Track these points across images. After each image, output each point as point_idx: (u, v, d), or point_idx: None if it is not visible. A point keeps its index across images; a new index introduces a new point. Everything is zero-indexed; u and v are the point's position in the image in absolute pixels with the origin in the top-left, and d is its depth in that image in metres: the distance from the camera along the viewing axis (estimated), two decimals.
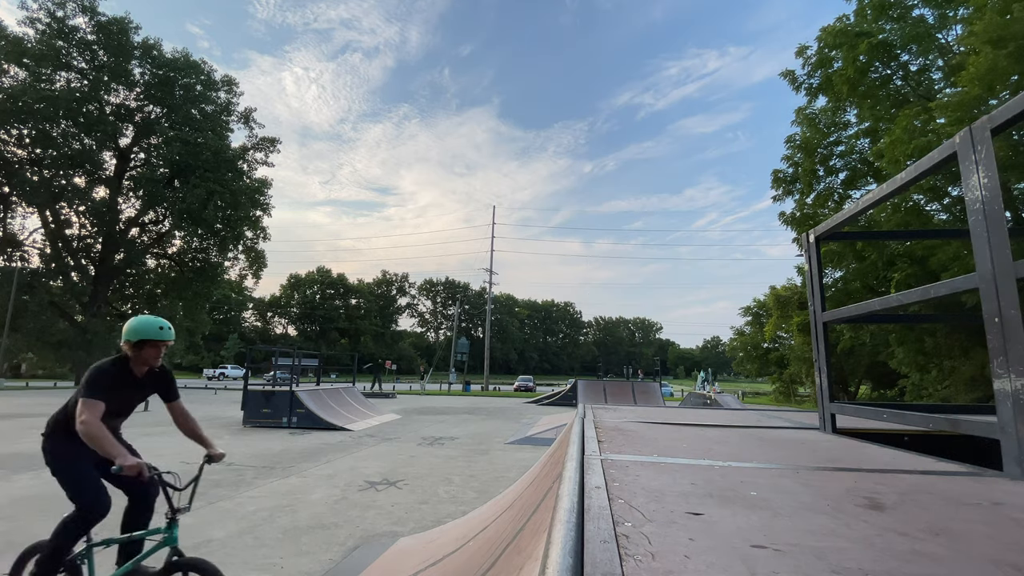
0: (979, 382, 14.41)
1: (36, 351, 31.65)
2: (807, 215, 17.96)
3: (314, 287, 76.82)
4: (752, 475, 1.57)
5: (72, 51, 29.65)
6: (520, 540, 1.96)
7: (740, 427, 3.12)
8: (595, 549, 0.85)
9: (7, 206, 29.51)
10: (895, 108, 14.90)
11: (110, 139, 31.39)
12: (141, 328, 2.64)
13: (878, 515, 1.13)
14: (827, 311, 2.87)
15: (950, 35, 15.10)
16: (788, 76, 17.71)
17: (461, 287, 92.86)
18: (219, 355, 60.22)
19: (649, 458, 1.85)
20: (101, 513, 2.58)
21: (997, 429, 1.67)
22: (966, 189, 1.79)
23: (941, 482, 1.52)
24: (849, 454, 2.12)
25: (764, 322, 28.70)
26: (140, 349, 2.65)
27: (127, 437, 2.83)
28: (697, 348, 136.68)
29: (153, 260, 35.25)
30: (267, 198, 35.53)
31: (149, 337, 2.64)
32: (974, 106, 11.04)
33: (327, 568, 3.70)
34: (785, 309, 23.43)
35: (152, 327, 2.65)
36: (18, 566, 2.65)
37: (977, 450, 2.76)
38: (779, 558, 0.85)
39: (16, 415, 13.36)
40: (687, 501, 1.21)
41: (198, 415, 12.46)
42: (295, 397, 11.99)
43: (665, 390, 30.60)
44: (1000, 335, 1.63)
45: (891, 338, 17.84)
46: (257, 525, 4.68)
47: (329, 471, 7.16)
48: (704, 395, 26.29)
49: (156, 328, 2.66)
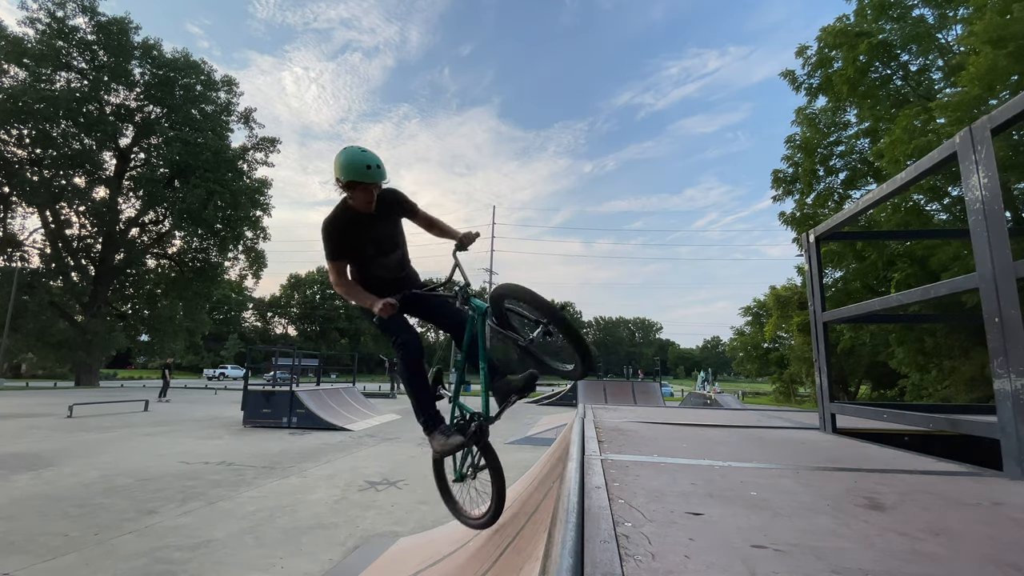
0: (979, 382, 14.41)
1: (36, 351, 31.61)
2: (807, 215, 17.97)
3: (314, 287, 76.78)
4: (752, 475, 1.57)
5: (72, 51, 29.64)
6: (520, 540, 1.96)
7: (740, 427, 3.12)
8: (595, 549, 0.85)
9: (7, 206, 29.49)
10: (895, 108, 14.91)
11: (110, 139, 31.37)
12: (347, 164, 2.27)
13: (878, 515, 1.13)
14: (827, 311, 2.88)
15: (950, 35, 15.11)
16: (788, 76, 17.72)
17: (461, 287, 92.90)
18: (219, 355, 60.23)
19: (649, 458, 1.85)
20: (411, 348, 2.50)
21: (997, 429, 1.67)
22: (966, 189, 1.79)
23: (941, 482, 1.52)
24: (849, 454, 2.12)
25: (764, 322, 28.72)
26: (352, 189, 2.31)
27: (131, 435, 2.83)
28: (697, 348, 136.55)
29: (153, 260, 35.23)
30: (267, 198, 35.52)
31: (354, 178, 2.26)
32: (974, 106, 11.05)
33: (327, 568, 3.70)
34: (785, 309, 23.44)
35: (359, 166, 2.26)
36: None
37: (977, 450, 2.75)
38: (779, 558, 0.85)
39: (16, 415, 13.36)
40: (687, 501, 1.21)
41: (198, 415, 12.35)
42: (295, 397, 11.98)
43: (665, 390, 30.58)
44: (1000, 335, 1.63)
45: (891, 338, 17.85)
46: (257, 525, 4.68)
47: (329, 471, 7.15)
48: (704, 395, 26.29)
49: (363, 168, 2.26)
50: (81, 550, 3.97)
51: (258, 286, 44.93)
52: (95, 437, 9.44)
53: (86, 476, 6.47)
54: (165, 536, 4.34)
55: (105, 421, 12.17)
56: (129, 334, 33.60)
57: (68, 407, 13.52)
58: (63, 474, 6.57)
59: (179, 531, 4.47)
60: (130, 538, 4.27)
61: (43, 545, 4.05)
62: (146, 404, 15.68)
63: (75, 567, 3.65)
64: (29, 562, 3.71)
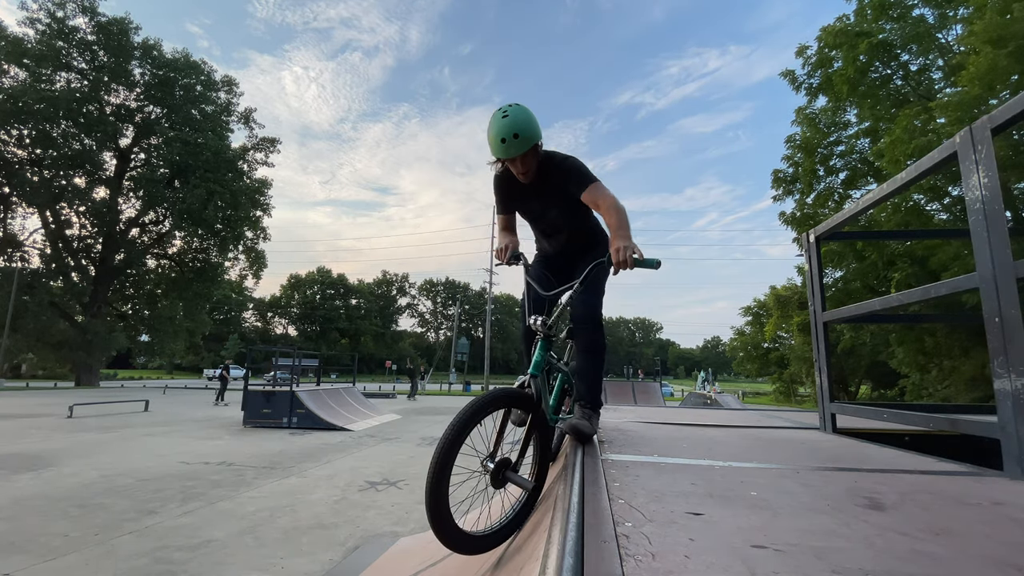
0: (979, 382, 14.40)
1: (36, 351, 31.63)
2: (807, 215, 17.96)
3: (314, 287, 76.78)
4: (752, 475, 1.57)
5: (72, 51, 29.64)
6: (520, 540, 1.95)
7: (740, 427, 3.12)
8: (595, 549, 0.85)
9: (7, 206, 29.50)
10: (895, 108, 14.91)
11: (110, 139, 31.38)
12: (489, 139, 2.10)
13: (878, 515, 1.13)
14: (827, 311, 2.88)
15: (950, 35, 15.10)
16: (788, 76, 17.72)
17: (461, 287, 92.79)
18: (219, 355, 60.23)
19: (649, 458, 1.85)
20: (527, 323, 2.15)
21: (997, 429, 1.66)
22: (966, 189, 1.79)
23: (941, 482, 1.52)
24: (849, 454, 2.12)
25: (764, 322, 28.69)
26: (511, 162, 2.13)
27: (131, 436, 2.83)
28: (697, 348, 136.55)
29: (153, 260, 35.24)
30: (267, 198, 35.55)
31: (494, 154, 2.13)
32: (974, 106, 11.04)
33: (327, 568, 3.70)
34: (785, 309, 23.44)
35: (494, 142, 2.07)
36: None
37: (977, 450, 2.75)
38: (779, 558, 0.85)
39: (16, 415, 13.36)
40: (687, 501, 1.21)
41: (198, 415, 12.33)
42: (295, 397, 11.98)
43: (665, 390, 30.57)
44: (1000, 335, 1.63)
45: (891, 338, 17.84)
46: (257, 525, 4.68)
47: (329, 471, 7.15)
48: (704, 395, 26.29)
49: (498, 143, 2.05)
50: (81, 550, 3.97)
51: (258, 286, 44.93)
52: (95, 437, 9.45)
53: (86, 476, 6.47)
54: (165, 536, 4.34)
55: (105, 421, 12.17)
56: (129, 334, 33.62)
57: (68, 407, 13.52)
58: (63, 474, 6.57)
59: (179, 531, 4.47)
60: (130, 538, 4.27)
61: (43, 545, 4.05)
62: (146, 404, 15.68)
63: (75, 567, 3.65)
64: (29, 562, 3.71)
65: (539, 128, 2.09)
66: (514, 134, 2.00)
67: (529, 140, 2.03)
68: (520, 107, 2.06)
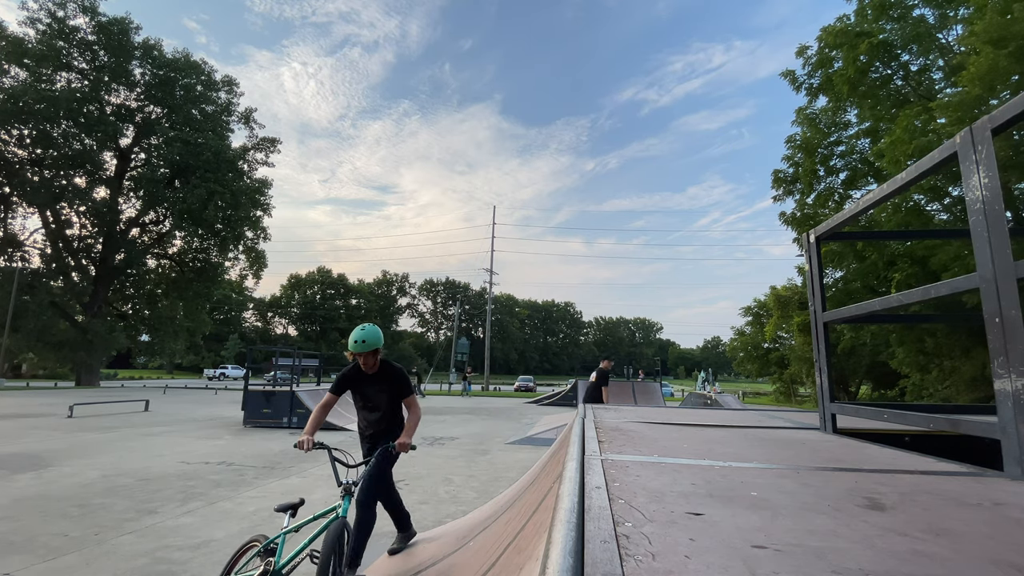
0: (979, 382, 14.41)
1: (36, 351, 31.63)
2: (807, 215, 17.96)
3: (314, 287, 76.82)
4: (753, 475, 1.57)
5: (73, 51, 29.67)
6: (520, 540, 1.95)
7: (740, 427, 3.12)
8: (595, 549, 0.85)
9: (8, 206, 29.52)
10: (895, 108, 14.91)
11: (110, 139, 31.39)
12: (350, 340, 3.20)
13: (878, 515, 1.13)
14: (828, 311, 2.87)
15: (950, 35, 15.10)
16: (788, 76, 17.72)
17: (461, 287, 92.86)
18: (219, 355, 60.24)
19: (649, 458, 1.85)
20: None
21: (997, 429, 1.66)
22: (967, 189, 1.79)
23: (942, 482, 1.52)
24: (849, 454, 2.12)
25: (765, 322, 28.71)
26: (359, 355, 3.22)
27: (132, 436, 2.85)
28: (698, 348, 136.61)
29: (153, 260, 35.26)
30: (267, 198, 35.56)
31: (350, 350, 3.20)
32: (975, 106, 11.04)
33: None
34: (786, 309, 23.44)
35: (351, 341, 3.18)
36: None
37: (978, 450, 2.75)
38: (780, 558, 0.85)
39: (17, 415, 13.36)
40: (687, 501, 1.21)
41: (198, 415, 12.36)
42: (295, 397, 11.99)
43: (665, 390, 30.57)
44: (1001, 335, 1.63)
45: (891, 338, 17.84)
46: (257, 525, 4.68)
47: (329, 471, 7.15)
48: (704, 395, 26.27)
49: (353, 342, 3.17)
50: (81, 550, 3.97)
51: (258, 286, 44.86)
52: (95, 437, 9.46)
53: (86, 476, 6.47)
54: (165, 536, 4.34)
55: (105, 421, 12.18)
56: (129, 334, 33.65)
57: (69, 407, 13.53)
58: (63, 474, 6.58)
59: (179, 531, 4.48)
60: (130, 538, 4.27)
61: (43, 545, 4.06)
62: (146, 404, 15.69)
63: (75, 567, 3.66)
64: (29, 562, 3.71)
65: (382, 339, 3.24)
66: (363, 340, 3.17)
67: (373, 345, 3.20)
68: (372, 326, 3.25)
